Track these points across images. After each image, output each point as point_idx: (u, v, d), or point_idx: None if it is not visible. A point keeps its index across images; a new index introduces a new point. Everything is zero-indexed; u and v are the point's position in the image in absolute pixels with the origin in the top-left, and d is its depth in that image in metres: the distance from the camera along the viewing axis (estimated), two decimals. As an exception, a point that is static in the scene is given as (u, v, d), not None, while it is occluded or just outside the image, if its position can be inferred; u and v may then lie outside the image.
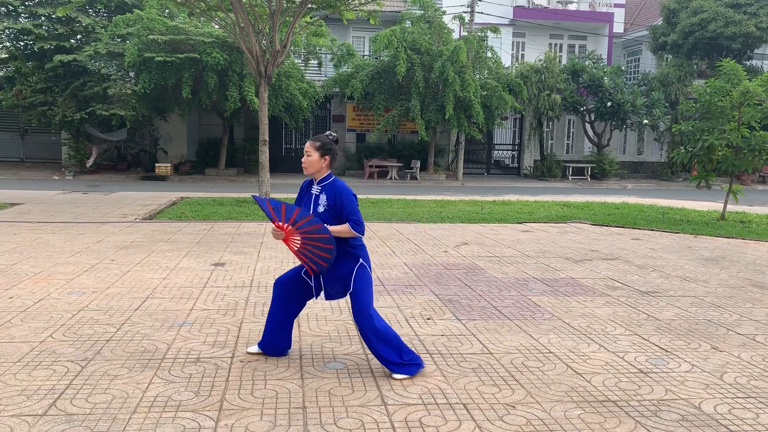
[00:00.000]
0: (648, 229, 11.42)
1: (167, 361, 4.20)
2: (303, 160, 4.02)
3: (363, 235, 3.95)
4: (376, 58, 23.74)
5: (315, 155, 3.97)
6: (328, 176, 4.05)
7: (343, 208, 3.92)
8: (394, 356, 3.99)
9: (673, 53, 26.70)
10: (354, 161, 25.23)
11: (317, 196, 4.02)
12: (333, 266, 4.00)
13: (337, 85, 23.12)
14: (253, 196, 4.48)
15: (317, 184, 4.06)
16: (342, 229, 3.90)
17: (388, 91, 22.56)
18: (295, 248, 3.94)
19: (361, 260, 4.03)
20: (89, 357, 4.23)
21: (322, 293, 4.16)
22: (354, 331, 4.94)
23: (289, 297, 4.21)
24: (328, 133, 4.10)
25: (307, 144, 4.02)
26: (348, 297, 4.10)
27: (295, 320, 5.14)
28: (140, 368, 4.05)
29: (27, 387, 3.72)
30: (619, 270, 7.68)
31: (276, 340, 4.28)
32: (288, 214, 3.86)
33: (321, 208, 3.97)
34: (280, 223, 3.90)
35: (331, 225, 3.91)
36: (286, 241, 3.94)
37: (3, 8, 20.60)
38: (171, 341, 4.61)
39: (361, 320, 4.01)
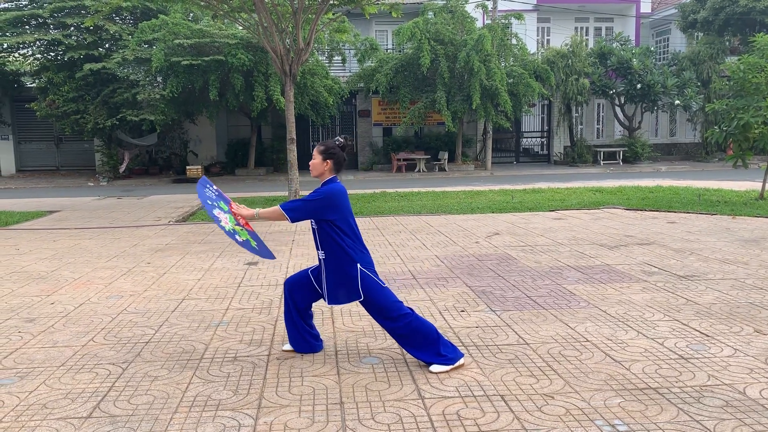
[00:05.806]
0: (684, 212, 11.19)
1: (205, 360, 4.26)
2: (309, 163, 4.14)
3: (290, 221, 3.99)
4: (400, 51, 23.64)
5: (318, 159, 4.08)
6: (330, 180, 4.08)
7: None
8: (429, 355, 4.02)
9: (704, 31, 26.00)
10: (381, 155, 25.21)
11: None
12: (331, 268, 4.03)
13: (361, 80, 23.08)
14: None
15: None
16: (272, 210, 4.06)
17: (412, 83, 22.47)
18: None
19: (359, 265, 3.99)
20: (129, 359, 4.32)
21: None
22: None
23: (295, 295, 4.26)
24: (336, 138, 4.15)
25: (314, 148, 4.15)
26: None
27: (330, 316, 5.19)
28: (179, 369, 4.12)
29: (71, 390, 3.81)
30: (655, 255, 7.54)
31: (297, 338, 4.32)
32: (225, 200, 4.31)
33: None
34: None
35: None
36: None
37: (33, 21, 21.05)
38: (208, 341, 4.67)
39: (385, 324, 4.10)
